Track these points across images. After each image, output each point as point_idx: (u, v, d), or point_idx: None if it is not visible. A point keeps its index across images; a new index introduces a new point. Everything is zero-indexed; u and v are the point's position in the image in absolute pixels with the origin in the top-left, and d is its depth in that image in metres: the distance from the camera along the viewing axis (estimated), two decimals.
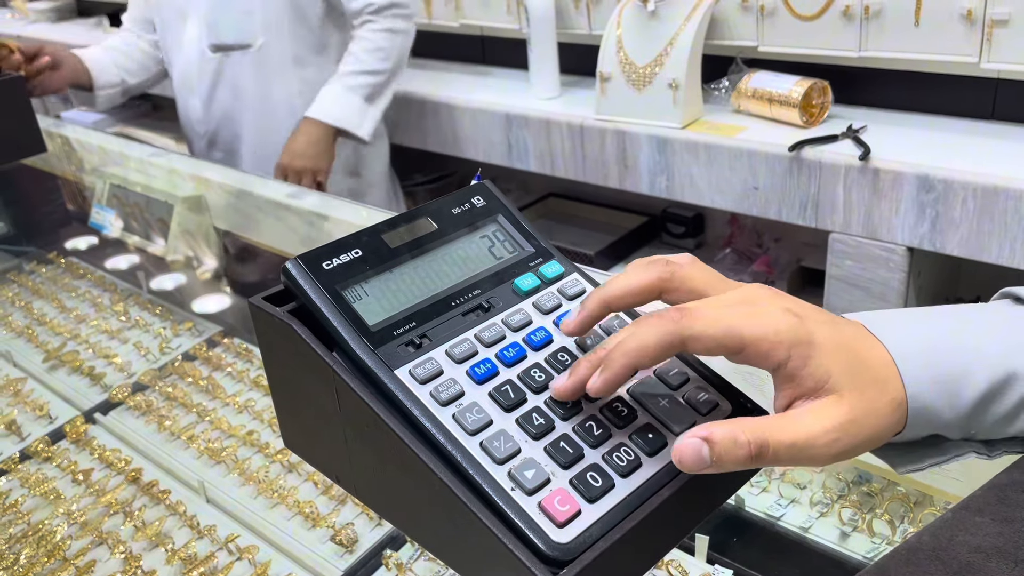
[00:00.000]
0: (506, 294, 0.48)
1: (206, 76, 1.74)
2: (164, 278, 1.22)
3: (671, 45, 1.54)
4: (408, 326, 0.45)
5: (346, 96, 1.66)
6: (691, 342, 0.40)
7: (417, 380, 0.42)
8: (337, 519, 0.76)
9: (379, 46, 1.67)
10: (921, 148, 1.35)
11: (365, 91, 1.68)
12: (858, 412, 0.40)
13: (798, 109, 1.46)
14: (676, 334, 0.40)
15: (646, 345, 0.40)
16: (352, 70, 1.67)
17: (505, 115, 1.79)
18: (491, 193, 0.53)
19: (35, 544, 0.76)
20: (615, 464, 0.40)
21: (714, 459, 0.38)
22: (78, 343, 1.07)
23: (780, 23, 1.51)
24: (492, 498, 0.38)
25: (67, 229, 1.41)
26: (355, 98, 1.67)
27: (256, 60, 1.71)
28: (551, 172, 1.78)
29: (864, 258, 1.39)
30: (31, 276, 1.25)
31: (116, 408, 0.95)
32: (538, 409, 0.42)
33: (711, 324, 0.40)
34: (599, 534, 0.38)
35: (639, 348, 0.40)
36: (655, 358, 0.41)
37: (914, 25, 1.37)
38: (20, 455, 0.88)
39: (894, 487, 0.71)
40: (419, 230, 0.49)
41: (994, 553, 0.38)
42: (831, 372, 0.40)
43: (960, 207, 1.26)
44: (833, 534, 0.70)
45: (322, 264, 0.45)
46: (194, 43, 1.74)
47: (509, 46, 2.02)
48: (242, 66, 1.72)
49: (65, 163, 1.56)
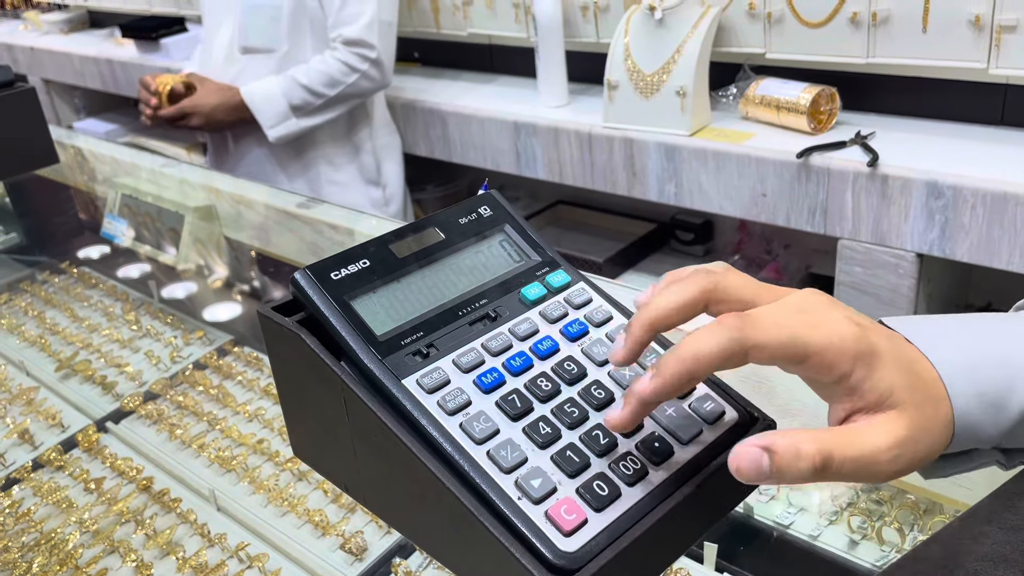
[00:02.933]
0: (513, 303, 0.48)
1: (228, 77, 1.79)
2: (175, 287, 1.22)
3: (679, 53, 1.55)
4: (415, 336, 0.45)
5: (279, 97, 1.72)
6: (754, 352, 0.38)
7: (424, 389, 0.42)
8: (347, 527, 0.76)
9: (330, 74, 1.72)
10: (930, 154, 1.35)
11: (296, 102, 1.73)
12: (917, 429, 0.39)
13: (806, 116, 1.46)
14: (739, 342, 0.38)
15: (707, 353, 0.38)
16: (297, 79, 1.72)
17: (513, 123, 1.80)
18: (498, 203, 0.53)
19: (48, 552, 0.76)
20: (621, 473, 0.40)
21: (774, 471, 0.36)
22: (90, 352, 1.08)
23: (787, 30, 1.52)
24: (499, 507, 0.38)
25: (79, 239, 1.42)
26: (284, 103, 1.73)
27: (278, 65, 1.77)
28: (559, 180, 1.79)
29: (873, 264, 1.39)
30: (44, 286, 1.26)
31: (128, 417, 0.95)
32: (544, 418, 0.42)
33: (775, 333, 0.38)
34: (606, 543, 0.38)
35: (697, 355, 0.38)
36: (714, 367, 0.38)
37: (922, 31, 1.36)
38: (33, 464, 0.89)
39: (903, 495, 0.71)
40: (426, 240, 0.49)
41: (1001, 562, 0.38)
42: (894, 387, 0.39)
43: (969, 213, 1.26)
44: (842, 542, 0.69)
45: (330, 274, 0.46)
46: (225, 45, 1.81)
47: (517, 54, 2.03)
48: (264, 69, 1.77)
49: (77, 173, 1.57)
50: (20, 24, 3.50)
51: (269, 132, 1.74)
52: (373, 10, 1.71)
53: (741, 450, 0.37)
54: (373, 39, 1.72)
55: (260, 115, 1.73)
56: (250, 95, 1.73)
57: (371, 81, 1.76)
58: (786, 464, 0.36)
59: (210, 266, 1.25)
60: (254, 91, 1.73)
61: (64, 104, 3.25)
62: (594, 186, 1.73)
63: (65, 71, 3.03)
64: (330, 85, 1.72)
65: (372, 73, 1.75)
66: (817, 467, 0.37)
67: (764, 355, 0.38)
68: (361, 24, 1.70)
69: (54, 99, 3.22)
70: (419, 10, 2.11)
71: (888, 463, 0.38)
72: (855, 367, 0.39)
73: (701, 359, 0.38)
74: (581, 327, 0.47)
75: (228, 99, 1.74)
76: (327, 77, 1.72)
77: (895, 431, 0.39)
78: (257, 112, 1.73)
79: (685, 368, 0.38)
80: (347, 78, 1.72)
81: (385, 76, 1.78)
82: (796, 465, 0.36)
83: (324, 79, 1.72)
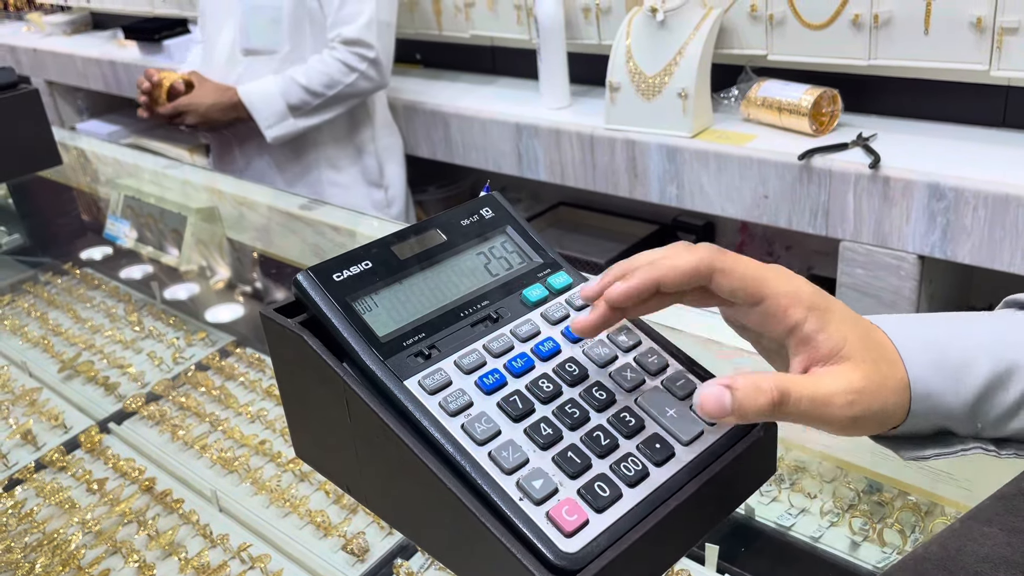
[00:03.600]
0: (514, 305, 0.48)
1: (231, 78, 1.79)
2: (177, 289, 1.23)
3: (680, 54, 1.55)
4: (417, 337, 0.45)
5: (277, 97, 1.72)
6: (719, 276, 0.42)
7: (426, 390, 0.43)
8: (348, 528, 0.76)
9: (329, 73, 1.72)
10: (931, 156, 1.35)
11: (295, 102, 1.73)
12: (872, 382, 0.41)
13: (808, 117, 1.46)
14: (708, 262, 0.42)
15: (676, 266, 0.42)
16: (296, 79, 1.72)
17: (515, 125, 1.80)
18: (500, 204, 0.53)
19: (50, 553, 0.76)
20: (623, 474, 0.40)
21: (735, 406, 0.39)
22: (93, 353, 1.08)
23: (789, 32, 1.52)
24: (500, 508, 0.38)
25: (82, 240, 1.43)
26: (282, 102, 1.72)
27: (280, 66, 1.77)
28: (561, 181, 1.79)
29: (875, 266, 1.39)
30: (47, 287, 1.27)
31: (130, 418, 0.95)
32: (546, 419, 0.42)
33: (742, 266, 0.42)
34: (607, 543, 0.38)
35: (669, 267, 0.42)
36: (681, 280, 0.42)
37: (923, 33, 1.36)
38: (36, 464, 0.89)
39: (904, 497, 0.71)
40: (428, 242, 0.50)
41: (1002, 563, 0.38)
42: (847, 339, 0.42)
43: (971, 215, 1.26)
44: (844, 544, 0.69)
45: (333, 276, 0.46)
46: (227, 47, 1.81)
47: (519, 56, 2.03)
48: (266, 70, 1.77)
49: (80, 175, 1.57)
50: (23, 26, 3.50)
51: (267, 132, 1.74)
52: (372, 10, 1.71)
53: (705, 389, 0.39)
54: (371, 39, 1.72)
55: (257, 115, 1.73)
56: (247, 95, 1.73)
57: (369, 81, 1.76)
58: (746, 398, 0.39)
59: (212, 267, 1.26)
60: (251, 91, 1.73)
61: (67, 105, 3.26)
62: (596, 188, 1.73)
63: (68, 73, 3.03)
64: (329, 85, 1.72)
65: (371, 73, 1.75)
66: (775, 401, 0.39)
67: (727, 281, 0.42)
68: (360, 24, 1.70)
69: (57, 100, 3.22)
70: (421, 12, 2.12)
71: (843, 407, 0.40)
72: (808, 316, 0.42)
73: (672, 269, 0.42)
74: None
75: (225, 99, 1.73)
76: (326, 77, 1.71)
77: (850, 379, 0.41)
78: (254, 112, 1.72)
79: (654, 276, 0.42)
80: (346, 78, 1.72)
81: (383, 76, 1.78)
82: (755, 400, 0.39)
83: (323, 79, 1.71)
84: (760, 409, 0.39)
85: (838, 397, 0.41)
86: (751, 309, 0.43)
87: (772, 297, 0.42)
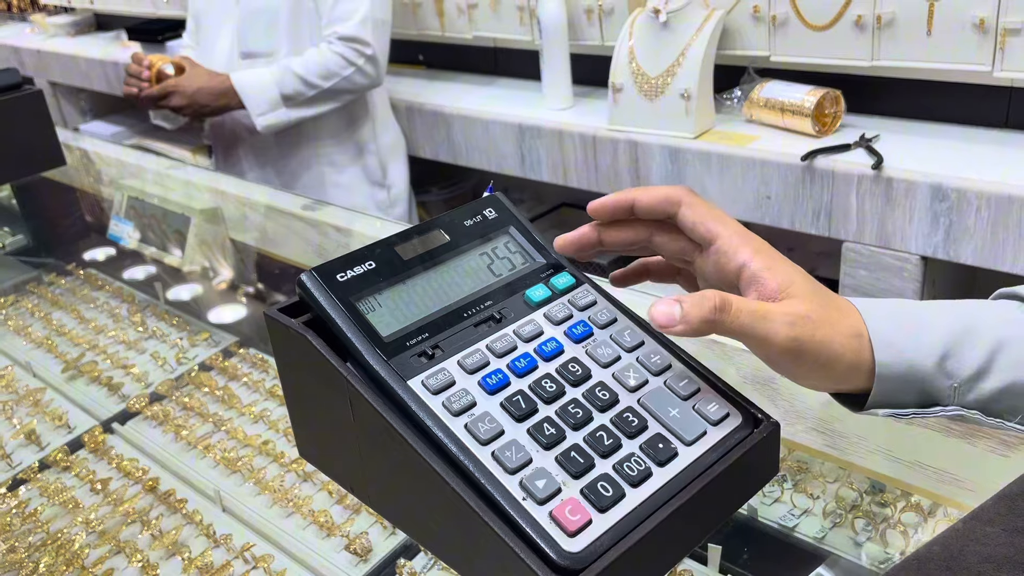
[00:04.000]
0: (517, 305, 0.49)
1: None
2: (181, 289, 1.23)
3: (683, 55, 1.55)
4: (421, 337, 0.45)
5: (271, 85, 1.70)
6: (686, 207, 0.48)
7: (430, 390, 0.43)
8: (352, 528, 0.77)
9: (327, 65, 1.71)
10: (934, 157, 1.35)
11: (289, 91, 1.71)
12: (816, 315, 0.44)
13: (811, 118, 1.46)
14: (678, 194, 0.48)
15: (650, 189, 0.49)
16: (292, 68, 1.71)
17: (518, 126, 1.80)
18: (503, 205, 0.53)
19: (54, 553, 0.76)
20: (626, 474, 0.41)
21: (682, 315, 0.42)
22: (96, 354, 1.08)
23: (792, 33, 1.52)
24: (504, 507, 0.38)
25: (86, 241, 1.43)
26: (276, 91, 1.70)
27: None
28: (564, 182, 1.79)
29: (877, 267, 1.39)
30: (50, 288, 1.27)
31: (134, 418, 0.96)
32: (549, 419, 0.42)
33: (707, 207, 0.48)
34: (610, 543, 0.38)
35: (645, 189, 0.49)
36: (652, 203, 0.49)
37: (926, 34, 1.36)
38: (39, 464, 0.89)
39: (907, 497, 0.71)
40: (432, 242, 0.50)
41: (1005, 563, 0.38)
42: (794, 281, 0.45)
43: (974, 216, 1.25)
44: (846, 544, 0.69)
45: (336, 276, 0.46)
46: (225, 50, 1.81)
47: (522, 57, 2.03)
48: None
49: (84, 176, 1.58)
50: (27, 27, 3.51)
51: (257, 120, 1.71)
52: (366, 7, 1.71)
53: (656, 305, 0.43)
54: (367, 36, 1.71)
55: (249, 101, 1.70)
56: (240, 81, 1.71)
57: (365, 77, 1.75)
58: (691, 307, 0.42)
59: (215, 268, 1.26)
60: (245, 77, 1.71)
61: (70, 106, 3.26)
62: (598, 188, 1.73)
63: (71, 74, 3.04)
64: (325, 76, 1.71)
65: (367, 69, 1.74)
66: (717, 306, 0.42)
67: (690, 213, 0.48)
68: (355, 21, 1.70)
69: (60, 101, 3.23)
70: (424, 13, 2.12)
71: (782, 326, 0.43)
72: (756, 256, 0.46)
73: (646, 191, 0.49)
74: (585, 329, 0.48)
75: (215, 83, 1.71)
76: (323, 68, 1.71)
77: (793, 305, 0.44)
78: (246, 98, 1.70)
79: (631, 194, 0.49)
80: (343, 71, 1.72)
81: (379, 74, 1.78)
82: (701, 304, 0.42)
83: (320, 70, 1.71)
84: (705, 315, 0.42)
85: (778, 316, 0.43)
86: (706, 252, 0.48)
87: (725, 237, 0.46)
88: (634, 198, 0.49)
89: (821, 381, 0.46)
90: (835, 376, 0.45)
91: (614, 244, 0.51)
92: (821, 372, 0.45)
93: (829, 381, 0.46)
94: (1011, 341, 0.45)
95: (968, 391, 0.45)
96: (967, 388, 0.45)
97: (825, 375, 0.45)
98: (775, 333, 0.43)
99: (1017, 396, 0.46)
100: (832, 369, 0.44)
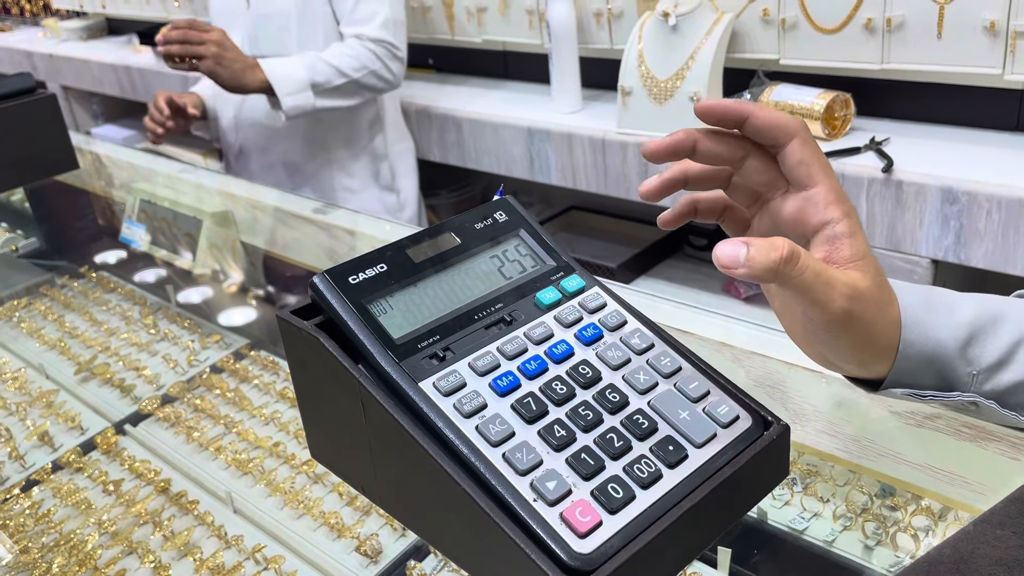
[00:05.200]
0: (528, 308, 0.49)
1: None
2: (192, 292, 1.23)
3: (692, 59, 1.55)
4: (432, 339, 0.46)
5: (300, 68, 1.69)
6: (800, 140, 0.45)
7: (441, 392, 0.43)
8: (362, 530, 0.77)
9: (359, 57, 1.71)
10: (944, 160, 1.35)
11: (319, 79, 1.69)
12: (874, 294, 0.44)
13: (820, 122, 1.46)
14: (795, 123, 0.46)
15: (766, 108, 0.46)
16: (323, 57, 1.70)
17: (527, 129, 1.81)
18: (513, 208, 0.54)
19: (67, 553, 0.77)
20: (636, 476, 0.41)
21: (748, 258, 0.40)
22: (108, 356, 1.09)
23: (802, 36, 1.52)
24: (514, 509, 0.39)
25: (98, 244, 1.44)
26: (305, 75, 1.69)
27: None
28: (573, 185, 1.79)
29: (888, 270, 1.38)
30: (63, 290, 1.28)
31: (146, 420, 0.96)
32: (559, 421, 0.43)
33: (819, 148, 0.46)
34: (620, 545, 0.38)
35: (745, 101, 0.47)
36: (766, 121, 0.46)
37: (936, 37, 1.36)
38: (52, 465, 0.90)
39: (918, 500, 0.71)
40: (443, 245, 0.50)
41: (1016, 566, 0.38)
42: (867, 255, 0.44)
43: (985, 219, 1.25)
44: (856, 548, 0.69)
45: (348, 279, 0.46)
46: None
47: (531, 61, 2.04)
48: None
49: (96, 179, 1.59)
50: (39, 31, 3.54)
51: (284, 100, 1.68)
52: (387, 10, 1.72)
53: (722, 244, 0.41)
54: (392, 38, 1.73)
55: (276, 81, 1.67)
56: (269, 63, 1.68)
57: (391, 75, 1.77)
58: (758, 252, 0.40)
59: (226, 271, 1.26)
60: (273, 61, 1.69)
61: (82, 110, 3.28)
62: (607, 191, 1.73)
63: (83, 78, 3.06)
64: (356, 68, 1.71)
65: (394, 67, 1.76)
66: (784, 257, 0.41)
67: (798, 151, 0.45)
68: (376, 24, 1.71)
69: (72, 106, 3.25)
70: (434, 17, 2.13)
71: (842, 295, 0.42)
72: (844, 218, 0.44)
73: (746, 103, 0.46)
74: (596, 331, 0.48)
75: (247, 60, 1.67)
76: (354, 60, 1.71)
77: (857, 279, 0.44)
78: (274, 78, 1.66)
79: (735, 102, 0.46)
80: (373, 64, 1.72)
81: (401, 75, 1.80)
82: (768, 254, 0.40)
83: (351, 61, 1.71)
84: (770, 264, 0.40)
85: (840, 285, 0.42)
86: (794, 194, 0.45)
87: (825, 186, 0.44)
88: (750, 112, 0.46)
89: (844, 360, 0.46)
90: (861, 358, 0.45)
91: (707, 154, 0.48)
92: (852, 351, 0.45)
93: (852, 362, 0.46)
94: None
95: (986, 380, 0.45)
96: (985, 377, 0.46)
97: (854, 355, 0.45)
98: (832, 301, 0.42)
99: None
100: (864, 351, 0.44)
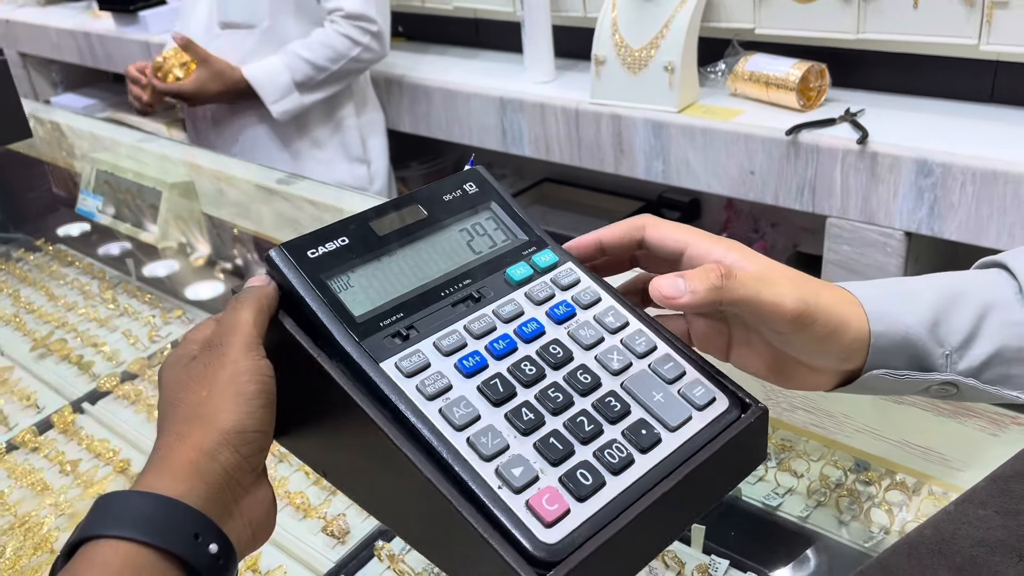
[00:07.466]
0: (498, 284, 0.47)
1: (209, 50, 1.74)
2: (154, 265, 1.20)
3: (666, 28, 1.52)
4: (395, 317, 0.43)
5: (282, 71, 1.68)
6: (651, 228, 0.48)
7: (403, 373, 0.41)
8: (328, 510, 0.75)
9: (334, 46, 1.69)
10: (919, 132, 1.34)
11: (300, 77, 1.69)
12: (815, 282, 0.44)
13: (795, 92, 1.44)
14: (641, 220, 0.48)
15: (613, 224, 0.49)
16: (299, 53, 1.68)
17: (499, 99, 1.77)
18: (484, 179, 0.51)
19: (22, 536, 0.75)
20: (607, 461, 0.39)
21: (688, 286, 0.42)
22: (66, 331, 1.06)
23: (777, 5, 1.49)
24: (478, 496, 0.37)
25: (55, 216, 1.40)
26: (288, 76, 1.68)
27: (260, 40, 1.73)
28: (546, 157, 1.77)
29: (861, 243, 1.38)
30: (18, 263, 1.24)
31: (104, 397, 0.93)
32: (528, 404, 0.41)
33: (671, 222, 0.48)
34: (588, 534, 0.37)
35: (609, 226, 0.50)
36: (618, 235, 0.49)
37: (913, 7, 1.35)
38: (7, 445, 0.87)
39: (892, 476, 0.70)
40: (408, 217, 0.48)
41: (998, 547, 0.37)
42: (774, 266, 0.45)
43: (959, 191, 1.25)
44: (831, 523, 0.69)
45: (307, 252, 0.44)
46: (203, 19, 1.76)
47: (503, 29, 2.00)
48: (246, 45, 1.73)
49: (55, 149, 1.54)
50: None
51: (273, 108, 1.69)
52: None
53: (661, 278, 0.43)
54: (372, 11, 1.69)
55: (263, 92, 1.68)
56: (251, 73, 1.68)
57: (372, 53, 1.74)
58: (697, 276, 0.42)
59: (190, 244, 1.23)
60: (254, 70, 1.68)
61: (41, 78, 3.19)
62: (581, 163, 1.71)
63: (41, 44, 2.97)
64: (334, 59, 1.69)
65: (374, 46, 1.73)
66: (722, 273, 0.42)
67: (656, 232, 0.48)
68: None
69: (31, 73, 3.16)
70: None
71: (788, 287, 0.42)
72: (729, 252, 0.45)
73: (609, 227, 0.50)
74: (568, 309, 0.46)
75: (225, 83, 1.67)
76: (331, 51, 1.68)
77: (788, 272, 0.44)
78: (260, 89, 1.67)
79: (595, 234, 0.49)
80: (351, 51, 1.70)
81: (384, 47, 1.76)
82: (707, 275, 0.42)
83: (328, 52, 1.68)
84: (712, 283, 0.41)
85: (781, 280, 0.43)
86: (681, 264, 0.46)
87: (694, 241, 0.46)
88: (598, 238, 0.49)
89: (827, 357, 0.44)
90: (842, 348, 0.44)
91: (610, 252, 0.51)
92: (829, 342, 0.43)
93: (835, 357, 0.44)
94: (996, 305, 0.45)
95: (960, 359, 0.45)
96: (959, 356, 0.45)
97: (832, 346, 0.43)
98: (782, 296, 0.42)
99: (1007, 363, 0.45)
100: (841, 337, 0.43)
